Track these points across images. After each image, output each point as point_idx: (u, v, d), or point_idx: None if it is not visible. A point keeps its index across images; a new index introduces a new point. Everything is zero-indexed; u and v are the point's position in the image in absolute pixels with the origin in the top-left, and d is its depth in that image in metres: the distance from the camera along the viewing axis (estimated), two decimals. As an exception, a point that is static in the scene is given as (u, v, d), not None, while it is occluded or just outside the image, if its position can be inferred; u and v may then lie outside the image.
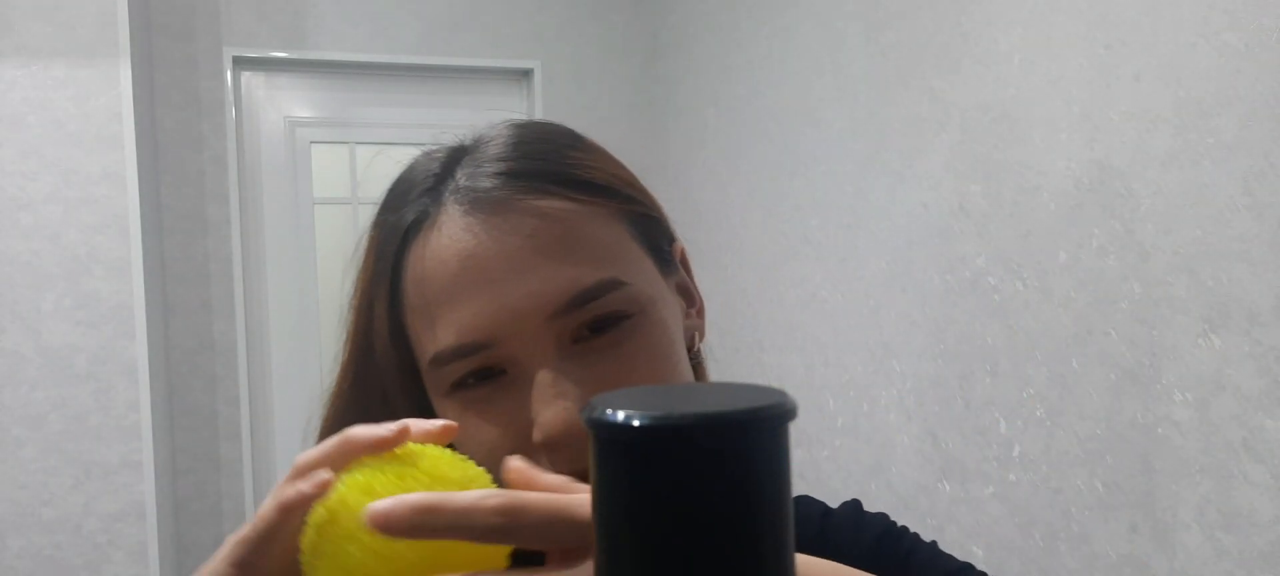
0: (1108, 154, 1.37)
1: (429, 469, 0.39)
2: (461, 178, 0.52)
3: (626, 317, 0.50)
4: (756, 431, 0.27)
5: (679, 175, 2.77)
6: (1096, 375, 1.40)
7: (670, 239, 0.58)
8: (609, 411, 0.27)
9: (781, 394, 0.29)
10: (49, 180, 2.25)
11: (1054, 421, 1.48)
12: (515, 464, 0.38)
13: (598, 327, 0.49)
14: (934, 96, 1.75)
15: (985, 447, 1.63)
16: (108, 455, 2.27)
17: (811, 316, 2.15)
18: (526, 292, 0.48)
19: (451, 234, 0.49)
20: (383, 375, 0.53)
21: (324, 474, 0.38)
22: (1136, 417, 1.33)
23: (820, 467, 2.09)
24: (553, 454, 0.48)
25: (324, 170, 2.87)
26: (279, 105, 2.82)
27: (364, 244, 0.56)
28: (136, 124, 2.32)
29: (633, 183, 0.56)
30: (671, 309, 0.54)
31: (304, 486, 0.38)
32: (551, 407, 0.47)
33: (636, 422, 0.27)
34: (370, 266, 0.54)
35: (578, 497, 0.34)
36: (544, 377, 0.48)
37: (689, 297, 0.58)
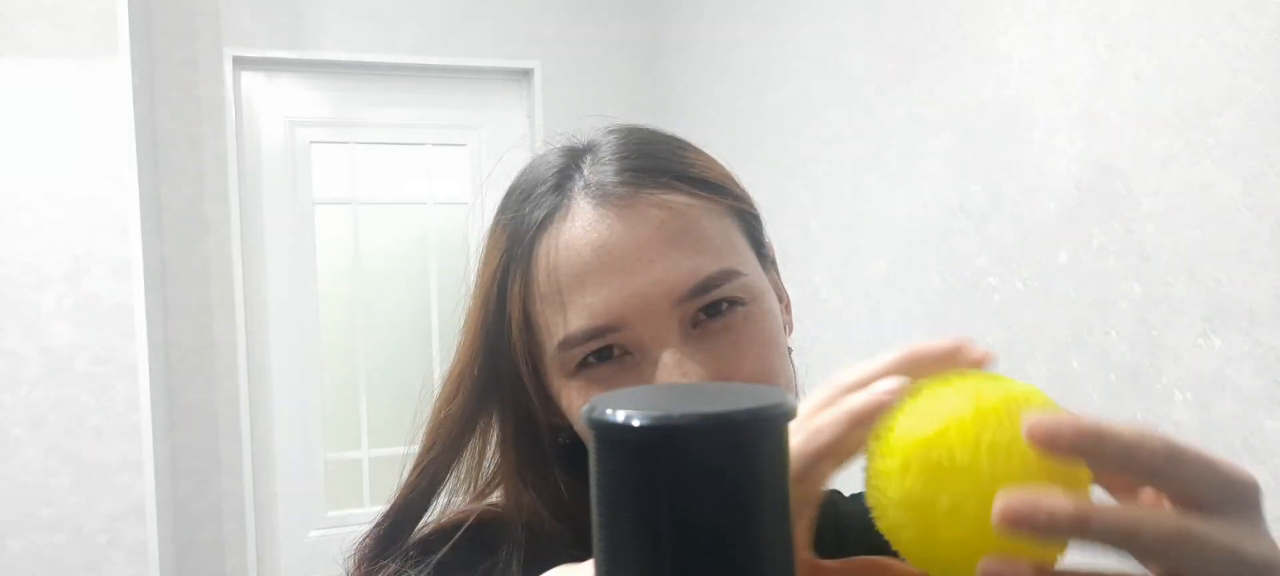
0: (1108, 154, 1.37)
1: (1008, 389, 0.36)
2: (589, 174, 0.55)
3: (741, 305, 0.54)
4: (757, 431, 0.27)
5: (679, 175, 2.77)
6: (1097, 375, 1.40)
7: (765, 239, 0.63)
8: (609, 411, 0.27)
9: (782, 394, 0.29)
10: (49, 180, 2.25)
11: (1054, 421, 1.48)
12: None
13: (712, 313, 0.53)
14: (934, 97, 1.75)
15: (985, 447, 1.63)
16: (108, 455, 2.27)
17: (811, 316, 2.15)
18: (654, 279, 0.52)
19: (584, 225, 0.53)
20: (513, 359, 0.57)
21: (897, 381, 0.35)
22: (1137, 417, 1.33)
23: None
24: None
25: (324, 170, 2.87)
26: (279, 105, 2.82)
27: (487, 241, 0.60)
28: (136, 124, 2.32)
29: (737, 183, 0.61)
30: (774, 301, 0.59)
31: (880, 393, 0.34)
32: None
33: (637, 423, 0.27)
34: (499, 258, 0.57)
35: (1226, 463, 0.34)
36: (669, 358, 0.52)
37: (780, 294, 0.63)
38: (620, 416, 0.27)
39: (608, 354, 0.53)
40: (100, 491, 2.27)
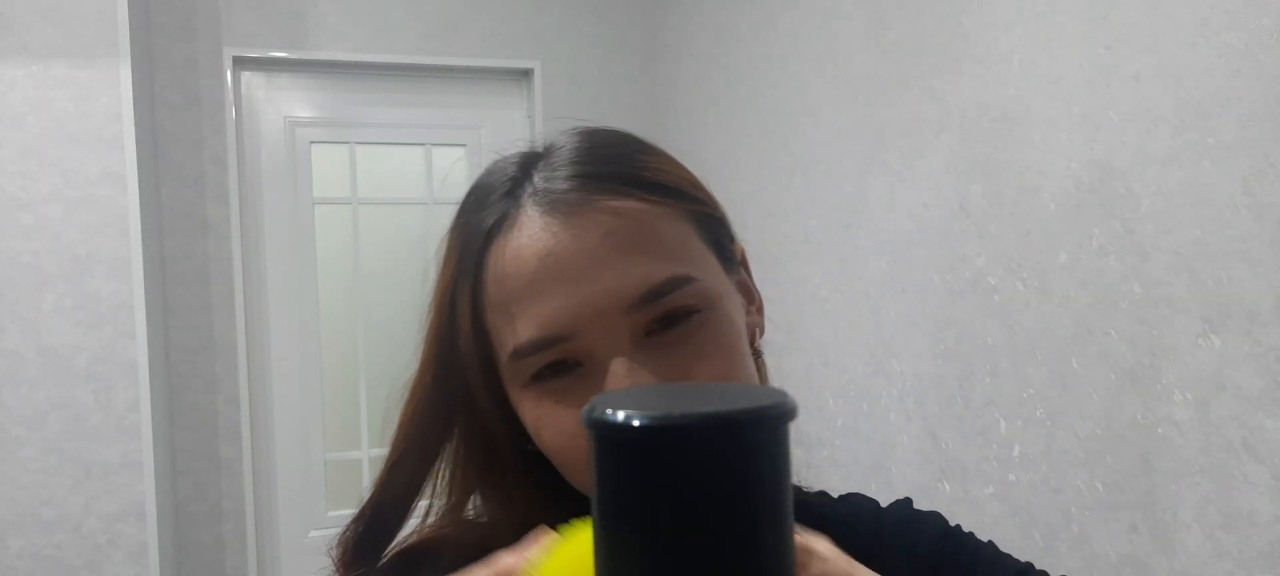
0: (1108, 154, 1.37)
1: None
2: (538, 181, 0.54)
3: (696, 312, 0.52)
4: (757, 431, 0.27)
5: (679, 175, 2.77)
6: (1096, 375, 1.40)
7: (731, 238, 0.61)
8: (609, 411, 0.27)
9: (781, 394, 0.29)
10: (49, 180, 2.25)
11: (1054, 421, 1.48)
12: None
13: (668, 322, 0.52)
14: (934, 96, 1.75)
15: (985, 448, 1.63)
16: (108, 455, 2.27)
17: (811, 316, 2.15)
18: (603, 288, 0.51)
19: (531, 233, 0.52)
20: (465, 370, 0.56)
21: None
22: (1136, 418, 1.33)
23: (820, 468, 2.09)
24: None
25: (324, 170, 2.87)
26: (279, 105, 2.82)
27: (443, 247, 0.59)
28: (136, 124, 2.32)
29: (697, 184, 0.59)
30: (736, 305, 0.57)
31: None
32: None
33: (636, 423, 0.27)
34: (452, 266, 0.57)
35: None
36: (619, 367, 0.51)
37: (749, 295, 0.62)
38: (620, 416, 0.27)
39: (562, 366, 0.52)
40: (100, 491, 2.27)
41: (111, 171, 2.28)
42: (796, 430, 0.29)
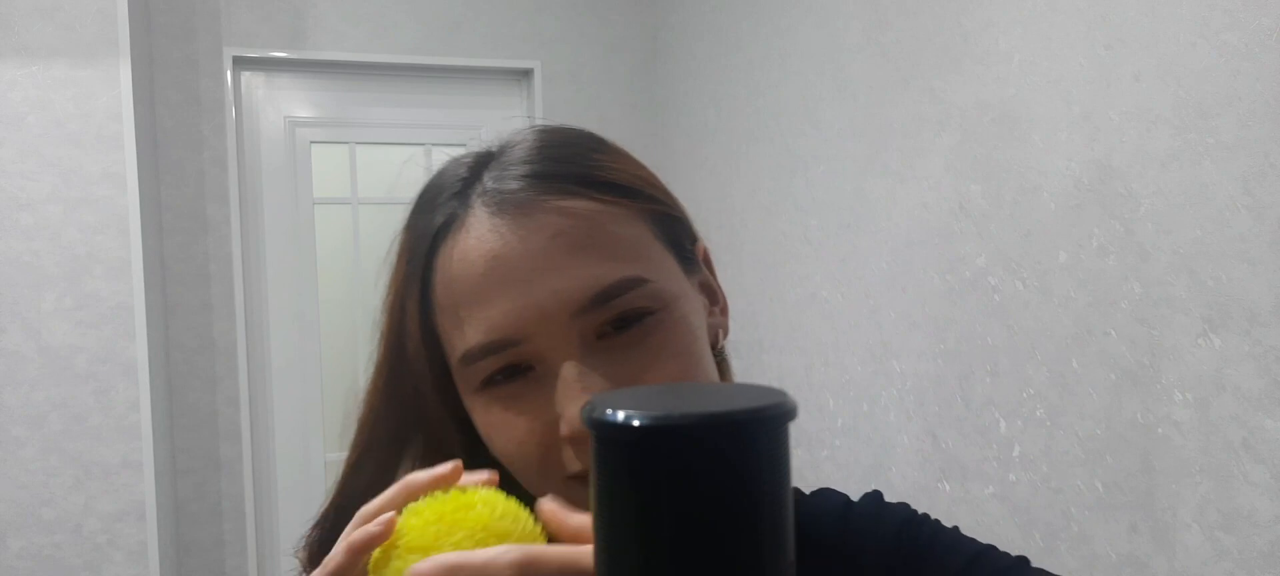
0: (1108, 154, 1.37)
1: (482, 505, 0.42)
2: (488, 181, 0.53)
3: (650, 314, 0.51)
4: (757, 431, 0.27)
5: (679, 175, 2.77)
6: (1096, 375, 1.40)
7: (692, 238, 0.59)
8: (609, 411, 0.27)
9: (782, 394, 0.29)
10: (49, 180, 2.25)
11: (1054, 421, 1.48)
12: (547, 505, 0.41)
13: (621, 324, 0.51)
14: (934, 96, 1.75)
15: (985, 448, 1.63)
16: (108, 455, 2.27)
17: (811, 316, 2.15)
18: (551, 290, 0.49)
19: (479, 235, 0.51)
20: (415, 374, 0.55)
21: (389, 515, 0.41)
22: (1136, 418, 1.33)
23: (820, 468, 2.09)
24: (578, 446, 0.50)
25: (324, 170, 2.87)
26: (279, 105, 2.82)
27: (395, 247, 0.58)
28: (136, 124, 2.32)
29: (655, 183, 0.57)
30: (694, 306, 0.55)
31: (372, 527, 0.41)
32: (576, 402, 0.48)
33: (636, 422, 0.27)
34: (402, 269, 0.56)
35: (589, 549, 0.36)
36: (569, 372, 0.49)
37: (712, 295, 0.60)
38: (620, 416, 0.27)
39: (513, 370, 0.51)
40: (100, 491, 2.27)
41: (111, 171, 2.28)
42: (796, 430, 0.29)
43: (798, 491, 0.67)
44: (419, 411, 0.57)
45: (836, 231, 2.07)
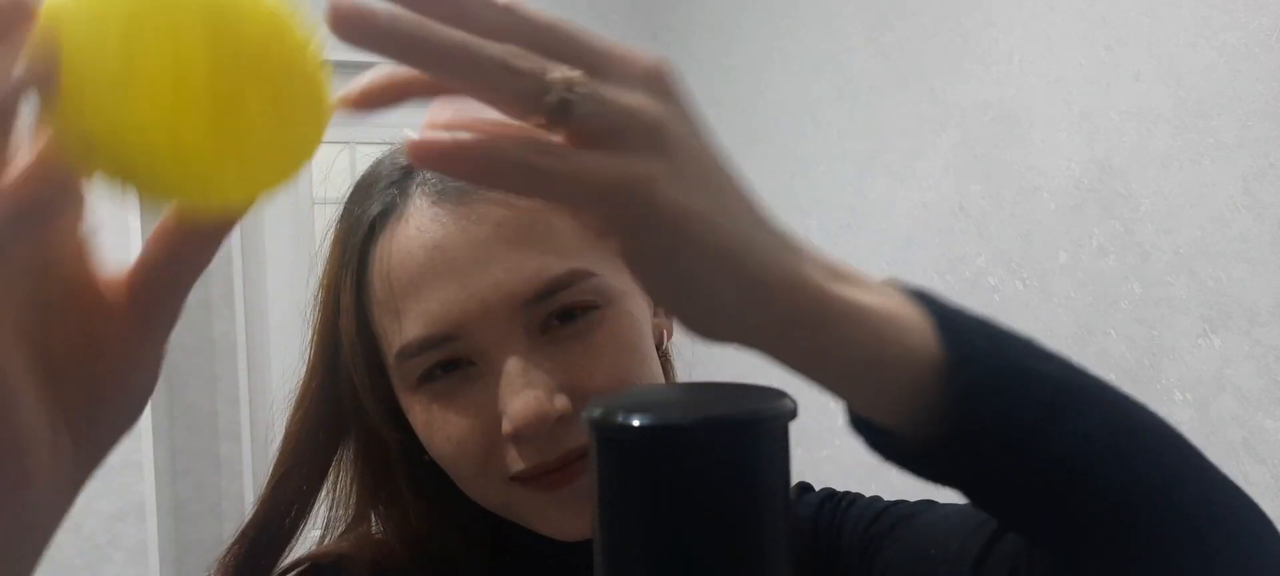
0: (1108, 154, 1.37)
1: None
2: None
3: (594, 308, 0.49)
4: (757, 432, 0.27)
5: (679, 175, 2.77)
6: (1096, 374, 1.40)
7: None
8: (610, 413, 0.27)
9: (782, 394, 0.29)
10: (49, 180, 2.25)
11: (1054, 421, 1.48)
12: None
13: (565, 318, 0.49)
14: (934, 96, 1.75)
15: (985, 447, 1.63)
16: (108, 455, 2.27)
17: (811, 316, 2.15)
18: (494, 282, 0.47)
19: (418, 224, 0.49)
20: (351, 374, 0.53)
21: None
22: (1136, 417, 1.33)
23: (820, 468, 2.09)
24: (522, 444, 0.48)
25: (324, 169, 2.87)
26: (279, 105, 2.82)
27: (329, 237, 0.55)
28: (136, 124, 2.31)
29: None
30: (640, 304, 0.53)
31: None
32: (521, 397, 0.46)
33: (637, 424, 0.27)
34: (335, 260, 0.53)
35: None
36: (513, 366, 0.47)
37: None
38: (620, 417, 0.27)
39: (452, 365, 0.49)
40: (100, 491, 2.27)
41: (111, 171, 2.28)
42: (796, 430, 0.29)
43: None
44: (354, 415, 0.54)
45: (837, 231, 2.07)
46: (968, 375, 0.35)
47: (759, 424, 0.27)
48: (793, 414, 0.28)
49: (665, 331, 0.58)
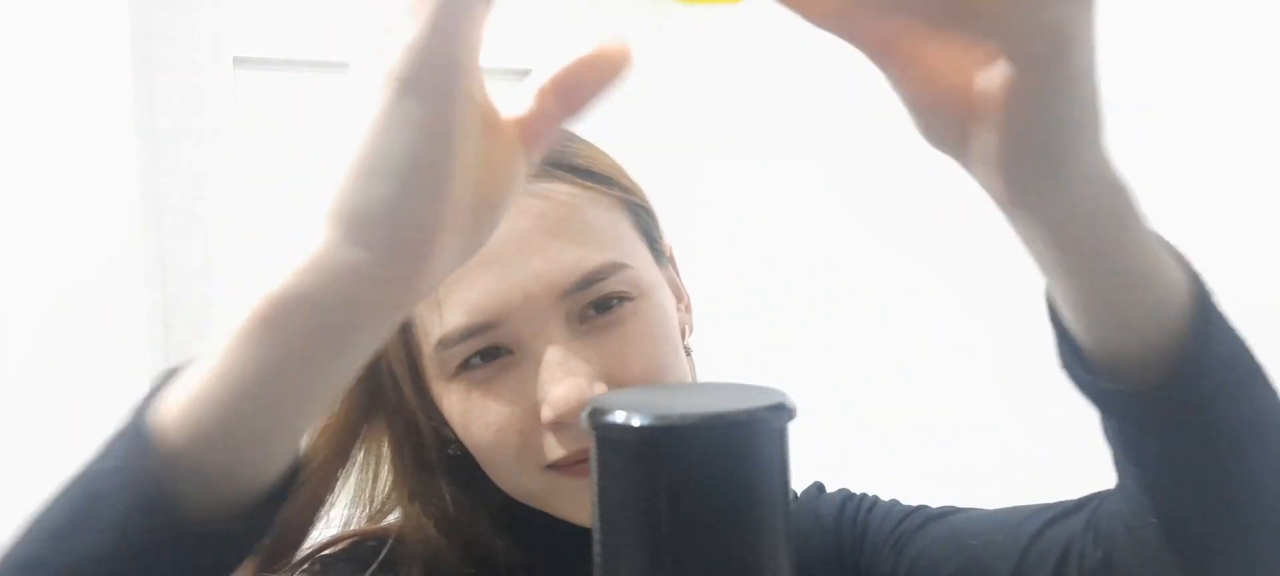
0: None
1: None
2: None
3: (629, 299, 0.51)
4: (757, 432, 0.27)
5: (677, 175, 2.77)
6: (1097, 375, 1.40)
7: (660, 234, 0.60)
8: (610, 412, 0.27)
9: (782, 394, 0.29)
10: (49, 180, 2.25)
11: (1057, 421, 1.48)
12: None
13: (601, 308, 0.50)
14: (934, 96, 1.75)
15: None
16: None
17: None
18: (535, 272, 0.49)
19: None
20: (389, 364, 0.54)
21: None
22: (1137, 418, 1.33)
23: (819, 469, 2.09)
24: (561, 432, 0.49)
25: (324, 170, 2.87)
26: (280, 105, 2.83)
27: None
28: (136, 124, 2.32)
29: (627, 174, 0.57)
30: (668, 296, 0.55)
31: None
32: (562, 385, 0.48)
33: (637, 423, 0.27)
34: None
35: None
36: (553, 355, 0.49)
37: (677, 293, 0.60)
38: (620, 416, 0.27)
39: (490, 354, 0.50)
40: (100, 491, 2.27)
41: (111, 171, 2.28)
42: (796, 430, 0.29)
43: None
44: (388, 405, 0.55)
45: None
46: (1209, 326, 0.38)
47: (758, 424, 0.27)
48: (792, 414, 0.28)
49: (687, 326, 0.60)
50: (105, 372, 2.28)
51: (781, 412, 0.28)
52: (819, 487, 0.68)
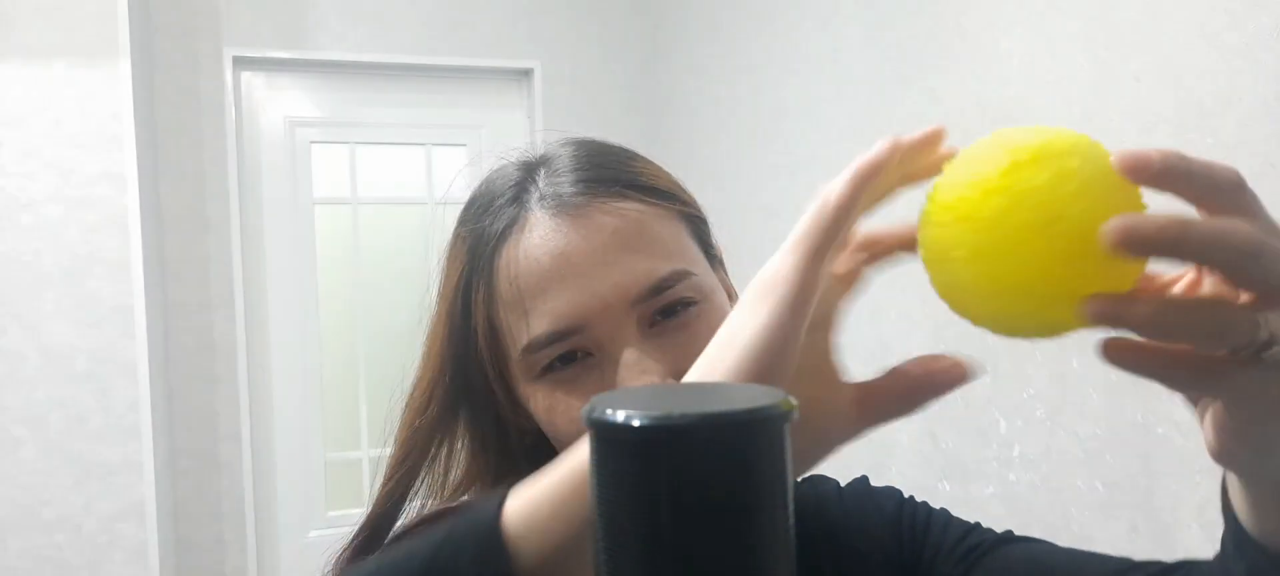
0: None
1: (1009, 140, 0.38)
2: (544, 186, 0.59)
3: (693, 304, 0.57)
4: (757, 431, 0.27)
5: (679, 176, 2.76)
6: (1097, 375, 1.40)
7: (713, 240, 0.65)
8: (609, 411, 0.27)
9: (782, 394, 0.29)
10: (49, 180, 2.25)
11: (1054, 421, 1.48)
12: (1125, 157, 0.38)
13: (667, 313, 0.56)
14: (934, 96, 1.75)
15: (985, 448, 1.63)
16: (108, 455, 2.27)
17: (811, 316, 2.15)
18: (612, 283, 0.55)
19: (542, 234, 0.56)
20: (481, 366, 0.59)
21: (893, 142, 0.43)
22: (1136, 418, 1.33)
23: (820, 468, 2.09)
24: None
25: (324, 170, 2.87)
26: (279, 105, 2.82)
27: (448, 253, 0.63)
28: (136, 124, 2.31)
29: (683, 188, 0.64)
30: (725, 298, 0.61)
31: (880, 154, 0.42)
32: (638, 382, 0.54)
33: (637, 422, 0.27)
34: (463, 268, 0.60)
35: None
36: (630, 356, 0.55)
37: (730, 293, 0.65)
38: (620, 416, 0.27)
39: (571, 357, 0.56)
40: (100, 491, 2.27)
41: (111, 171, 2.28)
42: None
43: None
44: (482, 403, 0.61)
45: (836, 231, 2.07)
46: None
47: (759, 423, 0.27)
48: (793, 413, 0.28)
49: None
50: (105, 371, 2.28)
51: (781, 412, 0.28)
52: (865, 480, 0.73)
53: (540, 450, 0.60)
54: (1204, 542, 1.23)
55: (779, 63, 2.30)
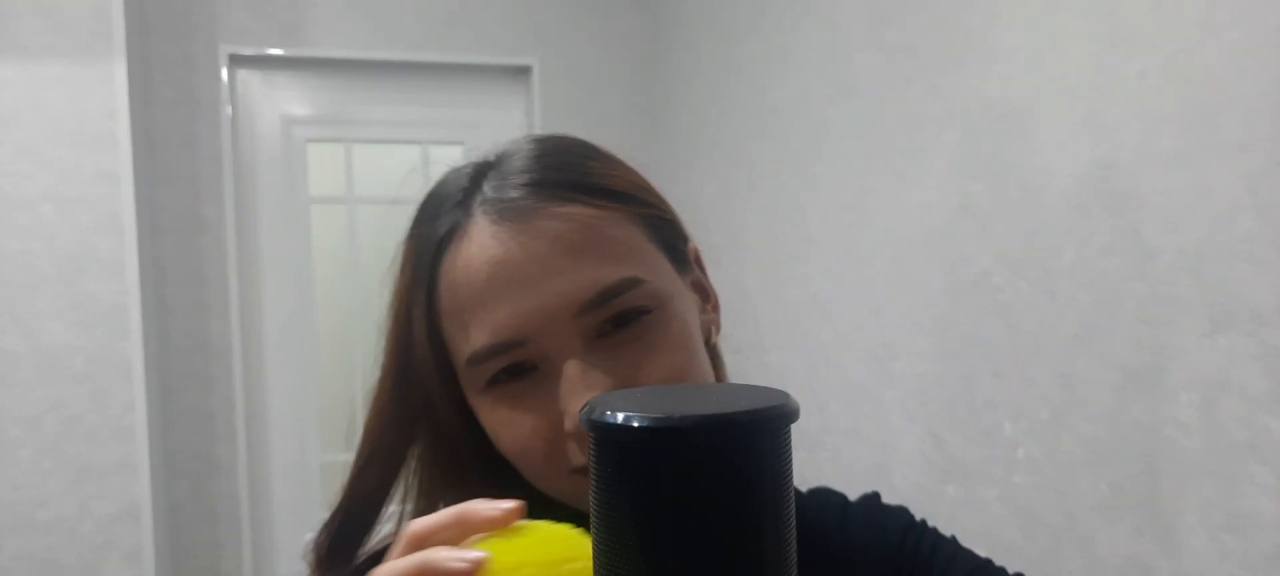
0: (1112, 153, 1.36)
1: (542, 538, 0.40)
2: (489, 190, 0.56)
3: (646, 312, 0.54)
4: (758, 433, 0.27)
5: (679, 174, 2.76)
6: (1101, 376, 1.39)
7: (684, 239, 0.62)
8: (609, 412, 0.27)
9: (783, 395, 0.28)
10: (44, 179, 2.24)
11: (1058, 423, 1.47)
12: None
13: (620, 322, 0.53)
14: (937, 95, 1.74)
15: (989, 449, 1.62)
16: (103, 456, 2.26)
17: (813, 317, 2.15)
18: (553, 292, 0.52)
19: (481, 243, 0.54)
20: (423, 377, 0.57)
21: (478, 556, 0.38)
22: (1141, 419, 1.32)
23: (821, 469, 2.08)
24: (582, 441, 0.52)
25: (320, 169, 2.87)
26: (275, 103, 2.82)
27: (400, 256, 0.61)
28: (132, 123, 2.31)
29: (647, 188, 0.60)
30: (688, 304, 0.58)
31: (455, 565, 0.38)
32: (580, 398, 0.51)
33: (636, 424, 0.26)
34: (407, 277, 0.59)
35: None
36: (572, 369, 0.52)
37: (704, 294, 0.63)
38: (620, 417, 0.27)
39: (518, 370, 0.54)
40: (96, 493, 2.26)
41: (106, 170, 2.27)
42: (798, 431, 0.28)
43: (795, 490, 0.68)
44: (425, 413, 0.59)
45: (838, 231, 2.06)
46: None
47: (760, 425, 0.27)
48: (794, 415, 0.28)
49: (713, 326, 0.63)
50: (101, 372, 2.27)
51: (782, 413, 0.28)
52: (876, 497, 0.70)
53: (497, 466, 0.58)
54: (1208, 544, 1.22)
55: (780, 61, 2.29)
